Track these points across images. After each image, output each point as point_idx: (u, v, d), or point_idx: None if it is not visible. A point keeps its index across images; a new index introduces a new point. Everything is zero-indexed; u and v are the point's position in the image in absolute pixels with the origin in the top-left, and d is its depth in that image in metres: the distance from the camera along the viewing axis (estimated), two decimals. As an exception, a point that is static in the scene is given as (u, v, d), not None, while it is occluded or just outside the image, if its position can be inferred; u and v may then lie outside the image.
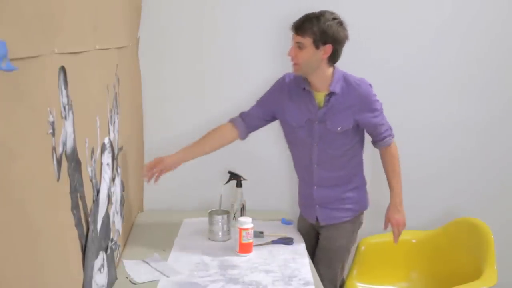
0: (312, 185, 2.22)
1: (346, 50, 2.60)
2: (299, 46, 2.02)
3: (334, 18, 2.01)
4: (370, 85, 2.11)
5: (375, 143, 2.19)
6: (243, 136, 2.24)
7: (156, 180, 2.14)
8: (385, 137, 2.16)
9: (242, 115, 2.25)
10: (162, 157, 2.14)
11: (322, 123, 2.10)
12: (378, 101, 2.12)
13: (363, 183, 2.28)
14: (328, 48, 2.00)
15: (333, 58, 2.05)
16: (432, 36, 2.65)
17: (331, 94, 2.07)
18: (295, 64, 2.06)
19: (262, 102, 2.25)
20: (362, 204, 2.26)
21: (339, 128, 2.09)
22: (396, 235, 2.22)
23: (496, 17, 2.64)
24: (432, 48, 2.65)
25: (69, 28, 1.20)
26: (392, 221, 2.20)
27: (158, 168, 2.11)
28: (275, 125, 2.30)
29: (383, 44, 2.63)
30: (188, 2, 2.54)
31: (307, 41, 1.99)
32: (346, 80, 2.09)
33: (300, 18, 2.03)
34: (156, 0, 2.50)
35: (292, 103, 2.15)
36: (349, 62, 2.59)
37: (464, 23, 2.64)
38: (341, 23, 2.03)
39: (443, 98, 2.71)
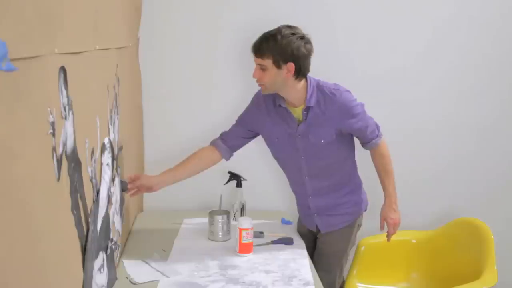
0: (307, 196, 2.19)
1: (347, 50, 2.61)
2: (261, 68, 1.93)
3: (293, 34, 1.89)
4: (348, 90, 2.02)
5: (363, 144, 2.14)
6: (227, 157, 2.20)
7: (132, 195, 2.11)
8: (372, 139, 2.09)
9: (223, 136, 2.19)
10: (141, 174, 2.16)
11: (305, 137, 2.05)
12: (357, 104, 2.02)
13: (359, 183, 2.24)
14: (290, 66, 1.90)
15: (300, 73, 1.94)
16: (432, 36, 2.65)
17: (308, 108, 2.00)
18: (261, 85, 1.98)
19: (241, 120, 2.20)
20: (360, 206, 2.23)
21: (322, 141, 2.04)
22: (391, 234, 2.19)
23: (496, 17, 2.64)
24: (432, 48, 2.65)
25: (69, 28, 1.20)
26: (389, 221, 2.15)
27: (135, 183, 2.06)
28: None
29: (382, 44, 2.63)
30: (189, 2, 2.54)
31: (267, 62, 1.90)
32: (321, 90, 2.00)
33: (258, 39, 1.93)
34: (156, 0, 2.50)
35: (270, 118, 2.10)
36: (350, 62, 2.61)
37: (464, 23, 2.64)
38: (302, 37, 1.90)
39: (443, 98, 2.71)
